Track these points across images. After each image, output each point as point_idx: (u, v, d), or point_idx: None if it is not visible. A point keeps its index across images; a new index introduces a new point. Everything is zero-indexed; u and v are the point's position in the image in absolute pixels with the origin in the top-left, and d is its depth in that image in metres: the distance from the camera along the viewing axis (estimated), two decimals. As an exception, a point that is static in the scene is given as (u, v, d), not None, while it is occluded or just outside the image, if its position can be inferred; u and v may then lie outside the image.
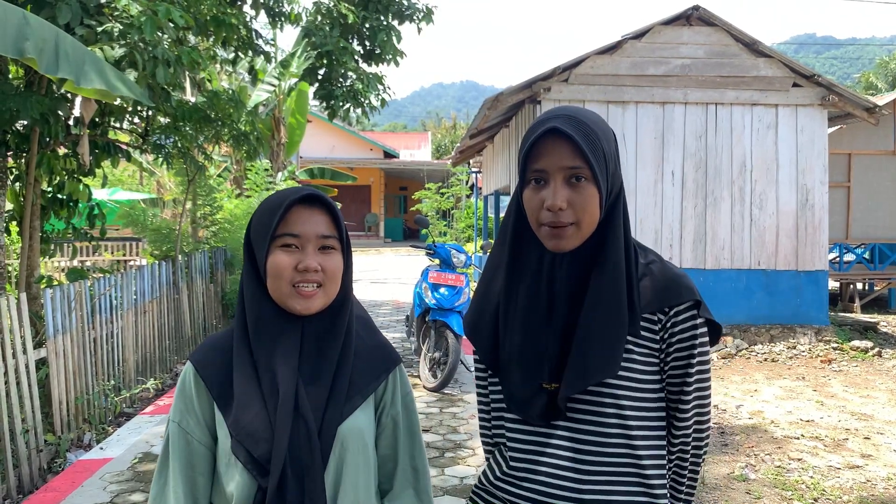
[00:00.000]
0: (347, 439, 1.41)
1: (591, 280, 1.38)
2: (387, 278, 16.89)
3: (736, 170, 9.01)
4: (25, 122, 5.59)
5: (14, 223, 6.22)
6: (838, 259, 12.20)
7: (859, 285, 12.85)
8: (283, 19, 9.08)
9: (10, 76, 5.75)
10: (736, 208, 9.00)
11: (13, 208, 6.11)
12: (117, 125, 6.92)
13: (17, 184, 6.02)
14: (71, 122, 6.04)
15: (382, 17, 9.10)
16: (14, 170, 6.00)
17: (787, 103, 8.99)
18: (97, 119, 6.35)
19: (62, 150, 6.21)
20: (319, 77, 9.46)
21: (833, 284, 12.39)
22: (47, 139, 5.74)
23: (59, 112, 5.47)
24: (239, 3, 8.33)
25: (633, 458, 1.40)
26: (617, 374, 1.37)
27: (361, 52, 9.47)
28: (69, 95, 5.69)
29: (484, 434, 1.65)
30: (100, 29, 5.16)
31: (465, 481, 4.48)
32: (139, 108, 6.67)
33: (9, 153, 5.79)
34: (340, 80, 9.23)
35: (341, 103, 9.07)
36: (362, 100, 9.14)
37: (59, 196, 6.30)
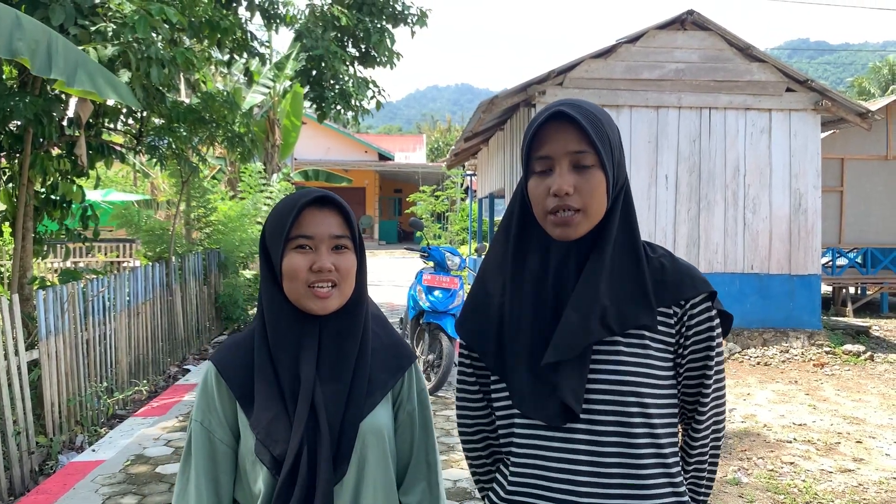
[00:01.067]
0: (368, 436, 1.43)
1: (585, 269, 1.35)
2: (381, 280, 16.87)
3: (729, 174, 9.04)
4: (19, 123, 5.57)
5: (7, 224, 6.19)
6: (831, 263, 12.24)
7: (852, 289, 12.90)
8: (278, 21, 9.07)
9: (4, 76, 5.73)
10: (729, 212, 9.03)
11: (6, 209, 6.08)
12: (111, 126, 6.90)
13: (10, 184, 6.00)
14: (65, 123, 6.02)
15: (376, 20, 9.10)
16: (7, 170, 5.97)
17: (780, 108, 9.02)
18: (91, 120, 6.33)
19: (56, 151, 6.19)
20: (311, 79, 9.46)
21: (826, 289, 12.43)
22: (41, 140, 5.72)
23: (53, 113, 5.45)
24: (234, 4, 8.32)
25: (660, 456, 1.35)
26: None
27: (356, 54, 9.46)
28: (63, 96, 5.67)
29: (473, 451, 1.59)
30: (93, 29, 5.14)
31: (458, 484, 4.48)
32: (133, 109, 6.65)
33: (2, 154, 5.76)
34: (332, 81, 9.22)
35: (332, 105, 9.07)
36: (353, 102, 9.13)
37: (53, 197, 6.27)
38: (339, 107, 9.10)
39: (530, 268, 1.40)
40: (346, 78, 9.13)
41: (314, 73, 9.20)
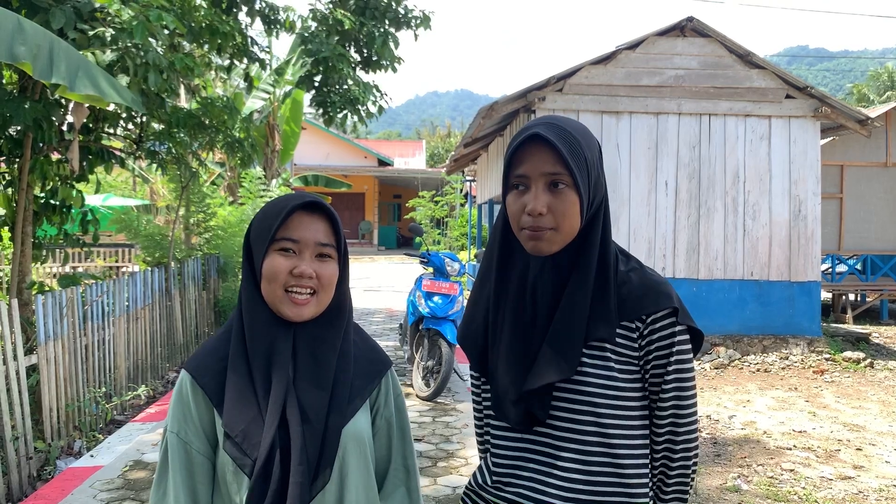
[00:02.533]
0: (350, 442, 1.43)
1: (568, 286, 1.40)
2: (380, 286, 16.86)
3: (729, 180, 9.05)
4: (19, 128, 5.57)
5: (6, 228, 6.19)
6: (831, 270, 12.24)
7: (851, 296, 12.90)
8: (278, 27, 9.08)
9: (4, 81, 5.73)
10: (729, 219, 9.03)
11: (5, 214, 6.08)
12: (111, 131, 6.90)
13: (10, 189, 6.00)
14: (64, 128, 6.02)
15: (379, 24, 9.10)
16: (7, 175, 5.97)
17: (780, 115, 9.03)
18: (90, 125, 6.33)
19: (55, 156, 6.19)
20: (316, 84, 9.45)
21: (825, 295, 12.43)
22: (41, 144, 5.72)
23: (53, 118, 5.45)
24: (234, 10, 8.33)
25: (615, 466, 1.39)
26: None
27: (359, 59, 9.46)
28: (63, 101, 5.67)
29: (479, 441, 1.69)
30: (91, 33, 5.15)
31: (458, 491, 4.46)
32: (133, 114, 6.65)
33: (1, 158, 5.76)
34: (337, 86, 9.22)
35: (338, 110, 9.06)
36: (359, 106, 9.13)
37: (52, 201, 6.27)
38: (345, 111, 9.09)
39: (511, 278, 1.47)
40: (351, 82, 9.13)
41: (319, 77, 9.20)
